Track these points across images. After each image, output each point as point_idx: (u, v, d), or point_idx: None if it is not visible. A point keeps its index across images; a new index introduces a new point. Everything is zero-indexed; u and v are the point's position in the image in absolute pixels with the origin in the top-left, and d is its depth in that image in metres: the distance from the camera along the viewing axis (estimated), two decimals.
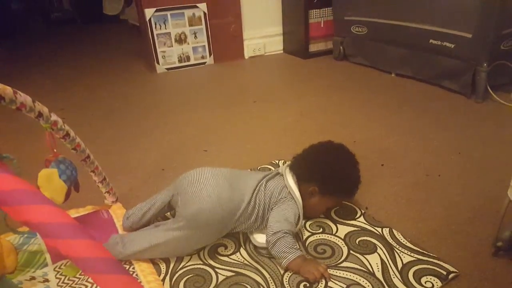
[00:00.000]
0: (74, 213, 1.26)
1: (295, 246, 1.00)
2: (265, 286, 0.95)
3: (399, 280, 0.94)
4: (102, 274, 0.42)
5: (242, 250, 1.08)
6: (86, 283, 0.97)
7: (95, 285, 0.97)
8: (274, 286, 0.95)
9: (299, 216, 1.08)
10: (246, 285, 0.96)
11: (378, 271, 0.97)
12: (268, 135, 1.80)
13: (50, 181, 0.98)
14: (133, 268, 1.02)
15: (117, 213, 1.25)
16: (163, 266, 1.04)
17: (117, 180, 1.48)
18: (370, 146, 1.63)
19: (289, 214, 1.05)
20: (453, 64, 2.07)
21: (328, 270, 0.97)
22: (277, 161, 1.52)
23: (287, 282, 0.96)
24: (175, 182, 1.13)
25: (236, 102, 2.26)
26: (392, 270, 0.97)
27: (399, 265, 0.99)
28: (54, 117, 1.00)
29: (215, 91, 2.52)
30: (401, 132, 1.74)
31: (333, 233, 1.12)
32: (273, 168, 1.47)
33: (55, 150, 1.02)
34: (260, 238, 1.08)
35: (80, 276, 1.01)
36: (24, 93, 0.91)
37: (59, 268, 1.04)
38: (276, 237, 1.00)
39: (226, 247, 1.09)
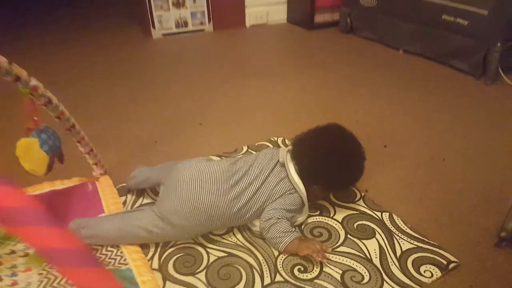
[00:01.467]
0: (59, 184, 1.20)
1: (291, 229, 0.95)
2: (257, 268, 0.91)
3: (397, 267, 0.90)
4: (71, 267, 0.37)
5: (235, 231, 1.03)
6: None
7: None
8: (267, 268, 0.91)
9: (302, 205, 1.02)
10: (238, 266, 0.92)
11: (376, 257, 0.93)
12: (267, 111, 1.72)
13: (30, 151, 0.91)
14: (117, 246, 0.98)
15: (104, 185, 1.20)
16: (152, 245, 0.99)
17: (107, 152, 1.41)
18: (373, 126, 1.56)
19: (287, 202, 0.99)
20: (464, 43, 1.98)
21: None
22: (275, 139, 1.46)
23: (280, 265, 0.92)
24: (166, 168, 1.09)
25: (235, 74, 2.17)
26: (390, 257, 0.93)
27: (398, 252, 0.95)
28: (34, 81, 0.92)
29: (213, 62, 2.42)
30: (406, 112, 1.67)
31: (331, 216, 1.07)
32: (271, 146, 1.41)
33: (35, 118, 0.95)
34: (258, 223, 1.02)
35: None
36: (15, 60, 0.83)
37: None
38: (270, 223, 0.95)
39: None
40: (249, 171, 1.01)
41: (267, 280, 0.88)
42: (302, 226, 1.04)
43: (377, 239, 0.98)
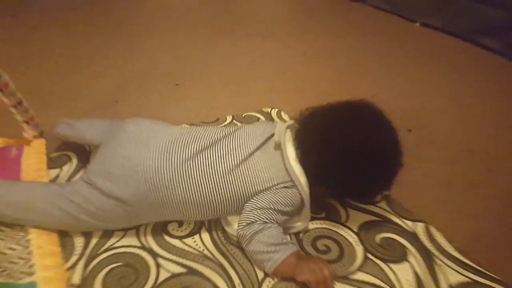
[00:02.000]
0: None
1: (284, 240, 0.64)
2: None
3: None
4: None
5: (203, 233, 0.71)
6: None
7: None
8: None
9: (301, 206, 0.70)
10: None
11: None
12: (259, 76, 1.38)
13: None
14: (27, 242, 0.64)
15: (34, 151, 0.85)
16: (79, 243, 0.66)
17: (54, 109, 1.07)
18: (391, 105, 1.22)
19: (279, 200, 0.66)
20: (497, 16, 1.65)
21: (335, 282, 0.62)
22: (269, 110, 1.13)
23: None
24: (113, 125, 0.77)
25: (226, 31, 1.80)
26: None
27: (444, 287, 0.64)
28: None
29: (202, 15, 2.04)
30: (429, 92, 1.35)
31: (342, 221, 0.75)
32: (262, 118, 1.08)
33: None
34: (235, 222, 0.70)
35: None
36: None
37: None
38: (252, 230, 0.63)
39: (180, 224, 0.72)
40: (226, 140, 0.70)
41: None
42: (300, 235, 0.72)
43: (411, 264, 0.67)
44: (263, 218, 0.64)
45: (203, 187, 0.65)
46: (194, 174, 0.65)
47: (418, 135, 1.08)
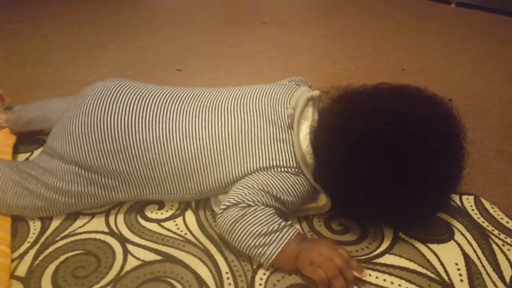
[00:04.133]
0: None
1: (276, 224, 0.47)
2: None
3: None
4: None
5: (188, 214, 0.57)
6: None
7: None
8: None
9: (310, 193, 0.54)
10: (176, 283, 0.46)
11: (462, 280, 0.45)
12: (271, 59, 1.25)
13: None
14: None
15: (1, 134, 0.75)
16: (35, 228, 0.55)
17: (39, 96, 0.99)
18: (427, 77, 1.07)
19: (280, 185, 0.51)
20: None
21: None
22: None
23: (262, 285, 0.45)
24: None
25: (240, 22, 1.70)
26: (492, 280, 0.45)
27: (507, 271, 0.46)
28: None
29: (215, 7, 1.96)
30: (469, 63, 1.17)
31: None
32: None
33: None
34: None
35: None
36: None
37: None
38: (233, 216, 0.47)
39: (161, 206, 0.59)
40: (224, 99, 0.57)
41: None
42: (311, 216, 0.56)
43: (458, 244, 0.50)
44: (249, 200, 0.48)
45: (183, 152, 0.52)
46: (173, 135, 0.52)
47: (463, 104, 0.90)
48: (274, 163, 0.52)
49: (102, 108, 0.54)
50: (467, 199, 0.57)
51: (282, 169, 0.52)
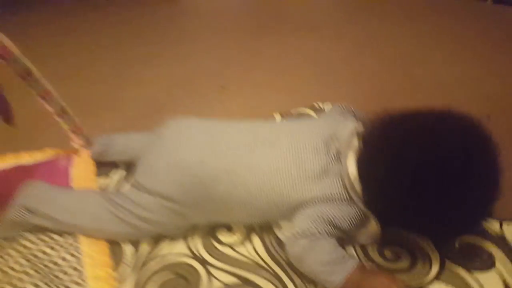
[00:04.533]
0: (26, 157, 0.89)
1: (339, 255, 0.56)
2: None
3: None
4: None
5: (255, 239, 0.66)
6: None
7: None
8: None
9: (363, 222, 0.60)
10: None
11: None
12: (308, 71, 1.31)
13: None
14: (78, 252, 0.64)
15: (82, 161, 0.86)
16: (128, 251, 0.65)
17: (99, 117, 1.09)
18: (466, 90, 1.11)
19: (337, 214, 0.58)
20: None
21: None
22: (321, 105, 1.05)
23: None
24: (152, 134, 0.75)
25: (271, 30, 1.75)
26: None
27: None
28: None
29: (246, 15, 2.01)
30: (508, 73, 1.19)
31: None
32: (313, 114, 1.01)
33: None
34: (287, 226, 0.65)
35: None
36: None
37: None
38: (300, 247, 0.56)
39: (230, 229, 0.68)
40: (276, 136, 0.65)
41: None
42: None
43: (500, 272, 0.57)
44: (314, 231, 0.56)
45: (248, 184, 0.61)
46: (237, 168, 0.61)
47: (498, 121, 0.94)
48: (327, 195, 0.59)
49: (179, 148, 0.64)
50: (507, 225, 0.64)
51: (336, 200, 0.59)
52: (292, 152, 0.62)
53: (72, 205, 0.66)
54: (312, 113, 1.02)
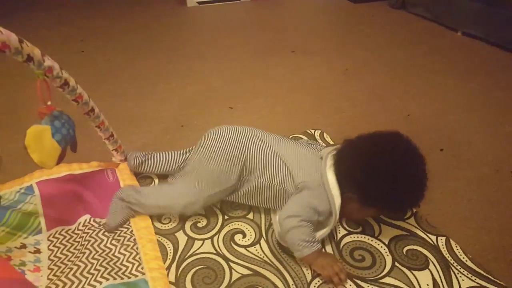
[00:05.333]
0: (76, 168, 1.10)
1: (312, 239, 0.82)
2: None
3: None
4: None
5: (262, 242, 0.91)
6: (79, 263, 0.84)
7: (89, 264, 0.83)
8: None
9: (331, 214, 0.87)
10: None
11: None
12: (304, 97, 1.55)
13: (41, 140, 0.80)
14: (136, 248, 0.88)
15: (124, 174, 1.09)
16: (170, 249, 0.89)
17: (128, 133, 1.31)
18: (427, 123, 1.36)
19: (316, 203, 0.85)
20: None
21: (369, 285, 0.80)
22: (312, 131, 1.30)
23: None
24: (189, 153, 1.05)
25: (272, 51, 1.98)
26: None
27: None
28: (48, 61, 0.80)
29: (249, 36, 2.23)
30: (466, 109, 1.45)
31: (375, 235, 0.92)
32: (306, 138, 1.26)
33: (49, 103, 0.83)
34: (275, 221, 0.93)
35: (74, 251, 0.88)
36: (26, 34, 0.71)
37: (54, 237, 0.91)
38: (291, 224, 0.82)
39: (244, 235, 0.93)
40: (281, 143, 0.97)
41: None
42: (341, 245, 0.90)
43: (431, 271, 0.83)
44: (303, 216, 0.82)
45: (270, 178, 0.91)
46: (264, 169, 0.91)
47: (449, 154, 1.21)
48: (311, 181, 0.88)
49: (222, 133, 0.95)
50: (441, 239, 0.90)
51: (317, 187, 0.87)
52: (291, 159, 0.91)
53: (152, 191, 0.96)
54: (304, 137, 1.26)
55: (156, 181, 1.10)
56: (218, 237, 0.92)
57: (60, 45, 2.08)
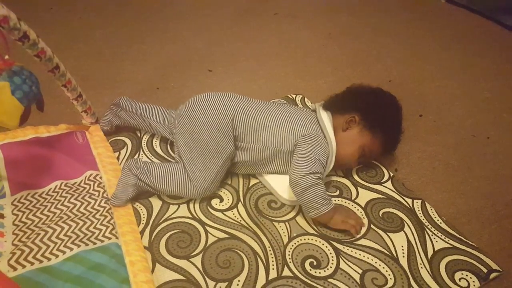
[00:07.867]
0: (44, 131, 1.04)
1: (327, 196, 0.81)
2: (263, 257, 0.78)
3: (428, 272, 0.77)
4: None
5: (240, 207, 0.89)
6: (48, 229, 0.80)
7: (59, 229, 0.80)
8: (274, 258, 0.78)
9: (329, 158, 0.88)
10: (241, 252, 0.79)
11: (403, 256, 0.79)
12: (286, 61, 1.50)
13: None
14: (111, 213, 0.84)
15: (95, 137, 1.04)
16: (143, 213, 0.86)
17: (101, 94, 1.24)
18: (408, 89, 1.35)
19: (320, 153, 0.85)
20: None
21: (344, 246, 0.80)
22: (293, 96, 1.26)
23: (290, 256, 0.79)
24: (174, 114, 1.00)
25: (254, 12, 1.90)
26: (421, 257, 0.79)
27: (430, 252, 0.80)
28: (3, 10, 0.72)
29: None
30: (447, 75, 1.45)
31: (352, 198, 0.92)
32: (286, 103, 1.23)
33: (6, 57, 0.77)
34: (275, 183, 0.92)
35: (42, 216, 0.84)
36: None
37: (19, 201, 0.87)
38: (308, 182, 0.80)
39: (221, 200, 0.91)
40: (268, 106, 0.99)
41: (273, 274, 0.76)
42: None
43: (405, 233, 0.84)
44: (314, 171, 0.81)
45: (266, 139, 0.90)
46: (260, 131, 0.90)
47: (428, 119, 1.20)
48: (310, 132, 0.89)
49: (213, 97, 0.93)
50: (416, 202, 0.91)
51: (315, 136, 0.88)
52: (287, 120, 0.91)
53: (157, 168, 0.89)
54: (286, 102, 1.23)
55: (129, 145, 1.06)
56: (194, 201, 0.90)
57: (25, 0, 1.94)
